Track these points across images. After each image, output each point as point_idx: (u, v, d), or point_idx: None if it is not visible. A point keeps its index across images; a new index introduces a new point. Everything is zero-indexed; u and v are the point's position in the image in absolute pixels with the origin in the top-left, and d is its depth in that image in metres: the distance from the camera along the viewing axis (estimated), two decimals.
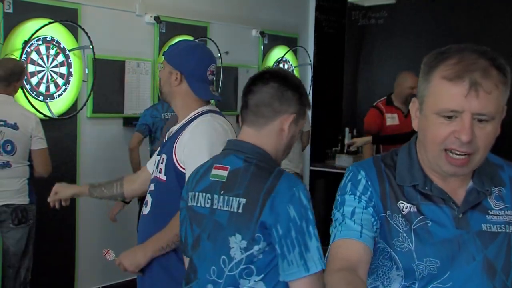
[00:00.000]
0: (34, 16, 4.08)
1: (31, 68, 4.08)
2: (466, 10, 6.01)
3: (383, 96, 5.08)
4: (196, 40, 4.88)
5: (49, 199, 2.56)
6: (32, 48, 4.06)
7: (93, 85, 4.40)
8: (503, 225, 1.35)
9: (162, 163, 2.23)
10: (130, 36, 4.72)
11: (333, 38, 6.73)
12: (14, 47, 3.99)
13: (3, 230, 3.55)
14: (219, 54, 5.30)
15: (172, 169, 2.19)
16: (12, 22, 3.98)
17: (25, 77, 4.03)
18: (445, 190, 1.38)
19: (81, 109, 4.40)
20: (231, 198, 1.62)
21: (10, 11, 3.96)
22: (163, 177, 2.22)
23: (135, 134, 4.33)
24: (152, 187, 2.27)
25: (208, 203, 1.66)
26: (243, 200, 1.59)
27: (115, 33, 4.61)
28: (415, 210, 1.37)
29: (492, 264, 1.33)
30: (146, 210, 2.27)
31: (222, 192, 1.64)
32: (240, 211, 1.59)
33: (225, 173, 1.66)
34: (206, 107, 2.30)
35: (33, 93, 4.09)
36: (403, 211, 1.37)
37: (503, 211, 1.37)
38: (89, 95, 4.42)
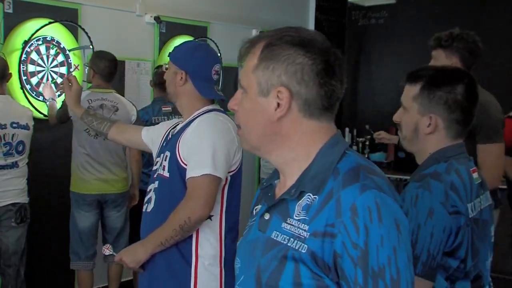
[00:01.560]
0: (34, 16, 4.07)
1: (31, 68, 4.08)
2: (466, 10, 6.01)
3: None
4: (198, 40, 4.89)
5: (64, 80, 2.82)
6: (32, 48, 4.06)
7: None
8: (287, 237, 1.14)
9: (165, 160, 2.25)
10: (130, 36, 4.72)
11: (333, 38, 6.72)
12: (14, 47, 3.99)
13: (2, 229, 3.56)
14: (219, 54, 5.29)
15: (175, 165, 2.20)
16: (12, 22, 3.98)
17: (25, 77, 4.04)
18: (274, 183, 1.27)
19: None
20: (486, 193, 1.80)
21: (10, 11, 3.96)
22: (166, 174, 2.24)
23: None
24: (156, 184, 2.29)
25: (478, 206, 1.74)
26: (488, 193, 1.82)
27: (115, 33, 4.61)
28: (260, 208, 1.29)
29: (260, 275, 1.17)
30: (149, 207, 2.28)
31: (482, 191, 1.77)
32: (491, 201, 1.81)
33: (477, 174, 1.77)
34: (210, 106, 2.32)
35: (33, 93, 4.09)
36: (255, 211, 1.31)
37: (299, 223, 1.14)
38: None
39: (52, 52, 4.20)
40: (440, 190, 1.60)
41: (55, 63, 4.22)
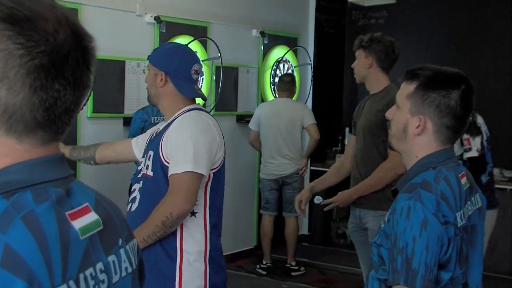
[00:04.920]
0: None
1: None
2: (466, 10, 6.02)
3: None
4: (197, 40, 4.90)
5: None
6: None
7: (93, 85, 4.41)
8: None
9: (149, 159, 2.29)
10: (130, 36, 4.73)
11: (333, 38, 6.74)
12: None
13: None
14: (219, 54, 5.30)
15: (158, 164, 2.24)
16: None
17: None
18: None
19: (81, 109, 4.39)
20: (475, 196, 1.79)
21: None
22: (150, 172, 2.27)
23: None
24: (140, 184, 2.32)
25: (467, 213, 1.71)
26: (478, 195, 1.81)
27: (115, 33, 4.61)
28: None
29: None
30: (134, 207, 2.31)
31: (470, 196, 1.75)
32: (480, 204, 1.80)
33: (465, 179, 1.75)
34: (192, 106, 2.35)
35: None
36: None
37: None
38: (89, 95, 4.43)
39: None
40: (431, 201, 1.57)
41: None
